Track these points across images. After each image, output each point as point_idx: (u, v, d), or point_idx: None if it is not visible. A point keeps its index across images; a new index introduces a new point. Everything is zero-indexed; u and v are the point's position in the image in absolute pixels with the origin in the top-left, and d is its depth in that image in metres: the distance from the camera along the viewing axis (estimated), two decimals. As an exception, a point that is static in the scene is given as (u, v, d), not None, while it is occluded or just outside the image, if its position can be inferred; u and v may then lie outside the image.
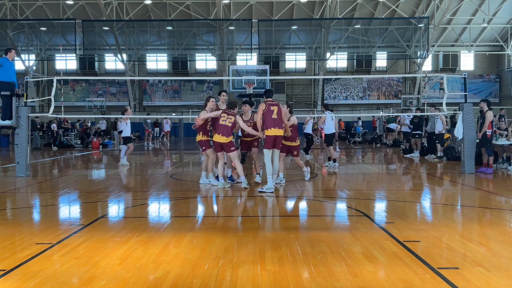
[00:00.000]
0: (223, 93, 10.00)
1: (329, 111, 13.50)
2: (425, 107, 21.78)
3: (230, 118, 8.87)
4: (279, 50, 38.26)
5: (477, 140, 11.89)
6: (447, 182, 10.41)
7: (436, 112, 15.14)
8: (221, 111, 9.14)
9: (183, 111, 36.58)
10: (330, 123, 13.13)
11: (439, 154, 15.49)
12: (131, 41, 37.37)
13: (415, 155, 16.69)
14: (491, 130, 11.56)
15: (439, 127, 15.55)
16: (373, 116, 32.15)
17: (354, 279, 3.81)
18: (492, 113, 11.60)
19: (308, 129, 17.27)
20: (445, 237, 5.23)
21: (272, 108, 8.81)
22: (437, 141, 15.78)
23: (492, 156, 11.74)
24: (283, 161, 9.75)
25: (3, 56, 11.07)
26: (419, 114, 17.35)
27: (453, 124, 16.89)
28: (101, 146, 24.58)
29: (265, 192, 8.37)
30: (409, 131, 17.57)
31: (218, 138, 8.83)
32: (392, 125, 23.61)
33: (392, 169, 13.94)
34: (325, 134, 13.56)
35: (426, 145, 17.30)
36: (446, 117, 16.36)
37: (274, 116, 8.76)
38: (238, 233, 5.45)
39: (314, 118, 19.08)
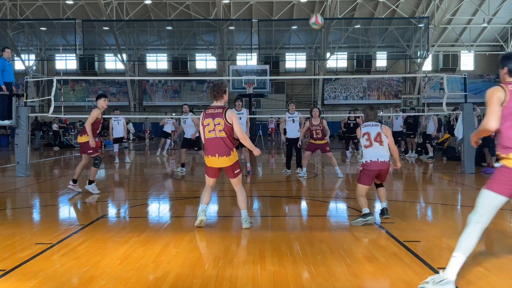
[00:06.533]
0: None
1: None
2: (422, 108, 21.65)
3: None
4: (279, 50, 38.23)
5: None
6: (447, 182, 10.41)
7: (429, 113, 15.16)
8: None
9: (183, 111, 36.48)
10: None
11: (430, 154, 15.50)
12: (131, 41, 37.33)
13: (411, 155, 16.67)
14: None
15: (431, 128, 15.54)
16: (389, 116, 31.79)
17: (354, 279, 3.81)
18: None
19: (167, 127, 17.36)
20: (445, 237, 5.23)
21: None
22: (427, 142, 15.76)
23: (495, 156, 11.75)
24: (306, 158, 10.77)
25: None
26: (412, 114, 17.37)
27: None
28: (103, 146, 24.45)
29: None
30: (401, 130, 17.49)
31: None
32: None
33: (391, 169, 13.92)
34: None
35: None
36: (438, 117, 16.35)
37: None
38: (238, 233, 5.45)
39: None
